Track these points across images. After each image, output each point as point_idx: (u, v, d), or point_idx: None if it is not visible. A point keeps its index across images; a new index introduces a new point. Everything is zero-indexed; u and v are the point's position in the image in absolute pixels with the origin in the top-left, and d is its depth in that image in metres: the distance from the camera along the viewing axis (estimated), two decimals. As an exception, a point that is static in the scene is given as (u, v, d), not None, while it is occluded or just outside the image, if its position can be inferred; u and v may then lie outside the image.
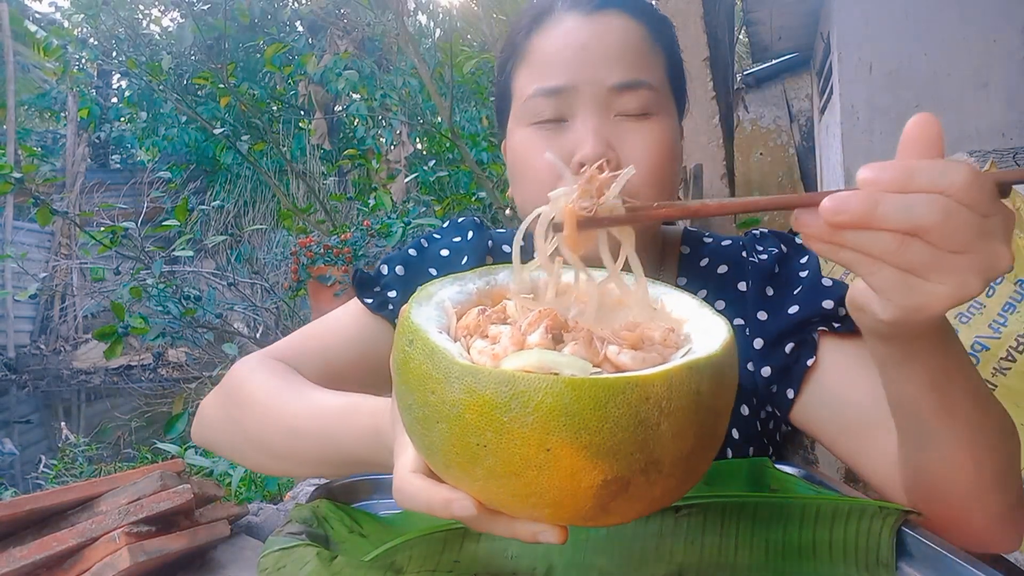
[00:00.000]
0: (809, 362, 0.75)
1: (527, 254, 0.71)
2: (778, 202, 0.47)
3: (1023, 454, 0.62)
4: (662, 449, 0.39)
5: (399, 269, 0.90)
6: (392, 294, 0.88)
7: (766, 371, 0.78)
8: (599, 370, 0.41)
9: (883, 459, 0.67)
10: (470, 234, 0.92)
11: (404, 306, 0.47)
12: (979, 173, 0.42)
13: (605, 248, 0.50)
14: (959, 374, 0.55)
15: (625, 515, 0.42)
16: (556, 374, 0.38)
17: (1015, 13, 4.04)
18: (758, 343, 0.79)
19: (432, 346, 0.40)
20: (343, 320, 0.90)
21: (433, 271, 0.90)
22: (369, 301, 0.88)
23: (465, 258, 0.90)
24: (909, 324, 0.47)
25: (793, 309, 0.77)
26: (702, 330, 0.46)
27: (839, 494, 0.64)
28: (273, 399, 0.74)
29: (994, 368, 1.62)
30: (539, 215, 0.49)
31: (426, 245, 0.93)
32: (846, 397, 0.72)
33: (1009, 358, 1.61)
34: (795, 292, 0.78)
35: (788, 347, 0.76)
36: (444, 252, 0.91)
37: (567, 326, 0.44)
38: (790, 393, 0.76)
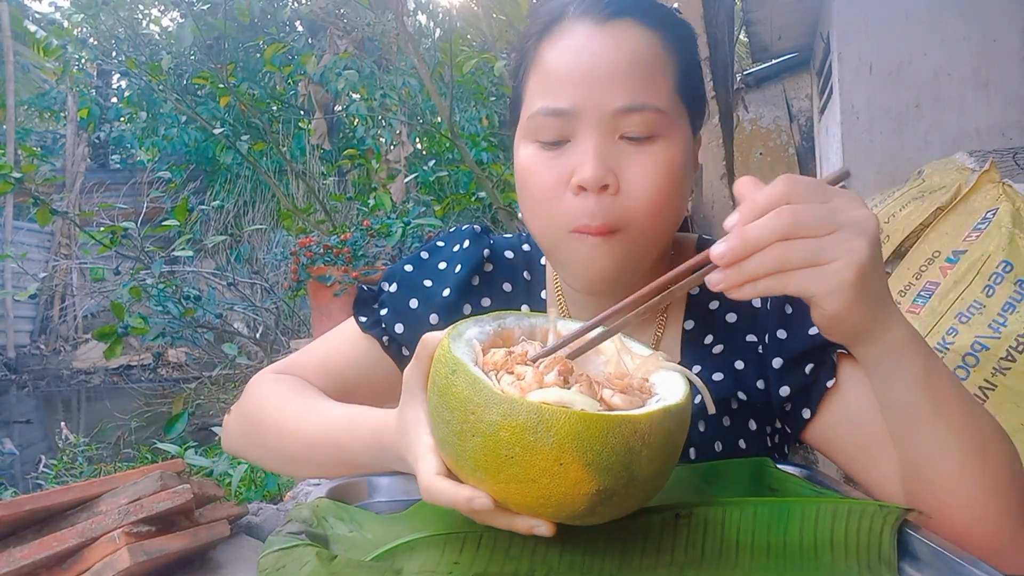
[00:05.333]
0: (829, 383, 0.75)
1: (538, 281, 0.93)
2: (676, 276, 0.59)
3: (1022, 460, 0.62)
4: (640, 469, 0.51)
5: (393, 287, 0.92)
6: (384, 312, 0.90)
7: (784, 391, 0.78)
8: (601, 406, 0.53)
9: (890, 477, 0.69)
10: (466, 243, 0.92)
11: (439, 338, 0.58)
12: (795, 178, 0.54)
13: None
14: (943, 374, 0.60)
15: (605, 517, 0.54)
16: (569, 408, 0.50)
17: (1015, 13, 4.04)
18: (777, 362, 0.78)
19: (474, 378, 0.52)
20: (347, 340, 0.92)
21: (428, 283, 0.90)
22: (363, 320, 0.91)
23: (459, 266, 0.90)
24: (850, 311, 0.54)
25: (814, 330, 0.76)
26: (664, 382, 0.59)
27: (840, 494, 0.64)
28: (288, 414, 0.81)
29: (994, 368, 1.61)
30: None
31: (425, 257, 0.94)
32: (861, 420, 0.73)
33: (1009, 358, 1.60)
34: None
35: (808, 368, 0.76)
36: (441, 265, 0.92)
37: (572, 370, 0.57)
38: (806, 413, 0.77)
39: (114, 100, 9.82)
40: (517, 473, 0.50)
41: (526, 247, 0.94)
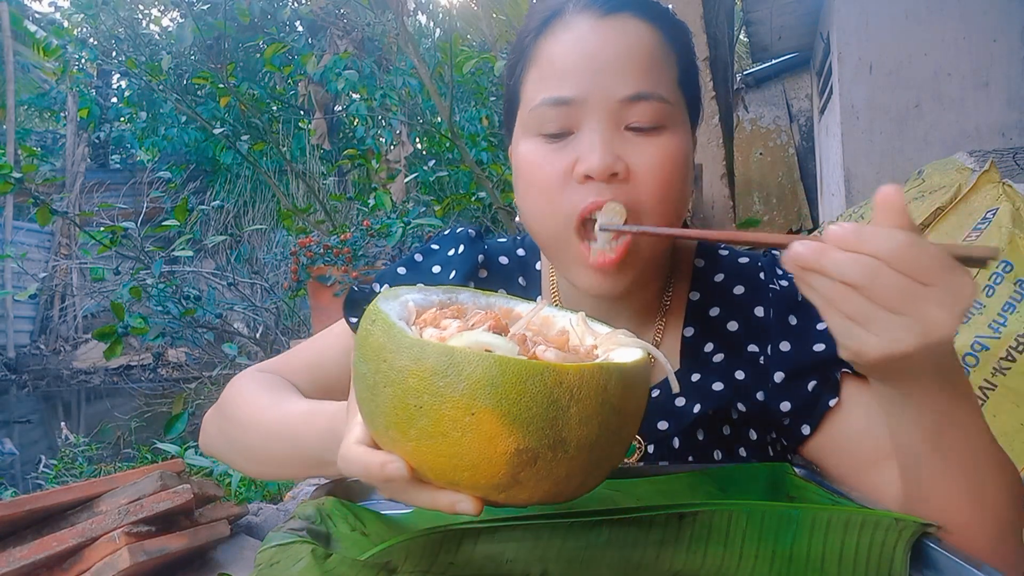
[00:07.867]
0: (832, 403, 0.74)
1: (533, 287, 0.90)
2: (755, 239, 0.60)
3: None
4: (569, 430, 0.45)
5: (386, 288, 0.90)
6: None
7: (785, 406, 0.77)
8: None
9: (884, 488, 0.68)
10: (461, 248, 0.90)
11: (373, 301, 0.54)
12: (920, 243, 0.48)
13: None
14: (957, 422, 0.57)
15: (533, 490, 0.48)
16: (490, 352, 0.46)
17: (1015, 13, 4.04)
18: (779, 376, 0.77)
19: (390, 324, 0.49)
20: (333, 337, 0.91)
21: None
22: (354, 320, 0.89)
23: (453, 272, 0.88)
24: (863, 366, 0.54)
25: (819, 347, 0.76)
26: (620, 355, 0.54)
27: (857, 504, 0.62)
28: (253, 408, 0.79)
29: (994, 368, 1.61)
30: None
31: (419, 260, 0.92)
32: (862, 439, 0.72)
33: (1009, 358, 1.60)
34: (820, 327, 0.77)
35: (811, 384, 0.75)
36: (436, 268, 0.90)
37: (507, 329, 0.52)
38: (806, 429, 0.76)
39: (114, 100, 9.80)
40: (427, 427, 0.45)
41: (520, 251, 0.93)
